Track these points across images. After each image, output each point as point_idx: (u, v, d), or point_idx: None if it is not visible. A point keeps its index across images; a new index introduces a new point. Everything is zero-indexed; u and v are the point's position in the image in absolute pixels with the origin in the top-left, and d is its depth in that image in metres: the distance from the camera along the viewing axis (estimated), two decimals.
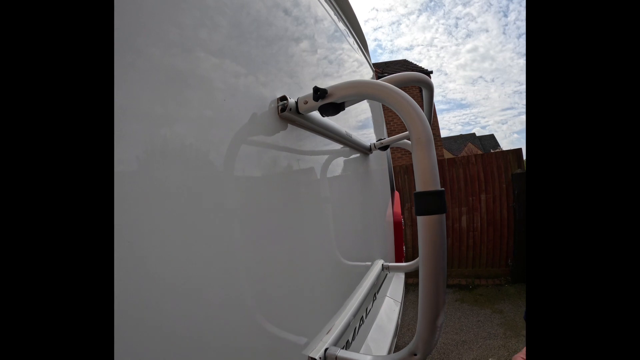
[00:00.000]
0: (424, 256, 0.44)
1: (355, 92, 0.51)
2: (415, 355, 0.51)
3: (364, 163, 1.25)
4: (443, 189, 0.42)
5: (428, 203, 0.42)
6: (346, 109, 0.55)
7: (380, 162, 1.63)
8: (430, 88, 0.68)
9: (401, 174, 3.96)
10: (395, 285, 1.65)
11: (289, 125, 0.60)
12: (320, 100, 0.52)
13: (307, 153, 0.71)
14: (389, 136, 1.38)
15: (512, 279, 3.52)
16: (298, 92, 0.66)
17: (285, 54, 0.65)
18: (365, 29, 1.51)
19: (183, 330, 0.36)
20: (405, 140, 1.16)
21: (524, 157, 3.48)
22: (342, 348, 0.68)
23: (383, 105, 1.92)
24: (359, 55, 1.44)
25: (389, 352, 1.08)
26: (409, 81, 0.61)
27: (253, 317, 0.48)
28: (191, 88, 0.40)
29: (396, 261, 1.78)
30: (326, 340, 0.68)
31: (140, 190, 0.32)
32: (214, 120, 0.44)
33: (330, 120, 0.76)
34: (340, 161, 0.95)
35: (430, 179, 0.42)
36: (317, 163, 0.78)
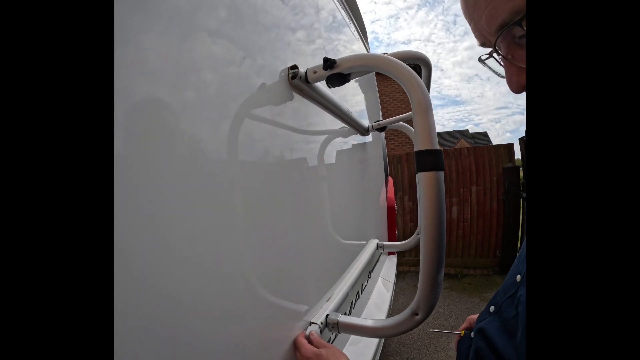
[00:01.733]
0: (424, 211, 0.47)
1: (361, 64, 0.54)
2: (417, 315, 0.51)
3: (362, 145, 1.29)
4: (441, 148, 0.46)
5: (427, 161, 0.45)
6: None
7: (375, 147, 1.67)
8: (428, 66, 0.72)
9: (394, 162, 3.99)
10: (388, 268, 1.71)
11: (294, 95, 0.63)
12: (329, 69, 0.55)
13: (311, 131, 0.74)
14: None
15: (500, 269, 3.60)
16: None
17: (282, 41, 0.66)
18: None
19: (194, 299, 0.36)
20: (402, 123, 1.20)
21: (516, 154, 3.53)
22: None
23: (380, 95, 1.95)
24: (359, 44, 1.47)
25: None
26: (409, 57, 0.65)
27: (259, 287, 0.50)
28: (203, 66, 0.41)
29: None
30: (326, 308, 0.71)
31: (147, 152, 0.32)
32: (228, 86, 0.45)
33: (333, 95, 0.79)
34: (340, 140, 0.99)
35: (429, 140, 0.46)
36: (321, 139, 0.82)
